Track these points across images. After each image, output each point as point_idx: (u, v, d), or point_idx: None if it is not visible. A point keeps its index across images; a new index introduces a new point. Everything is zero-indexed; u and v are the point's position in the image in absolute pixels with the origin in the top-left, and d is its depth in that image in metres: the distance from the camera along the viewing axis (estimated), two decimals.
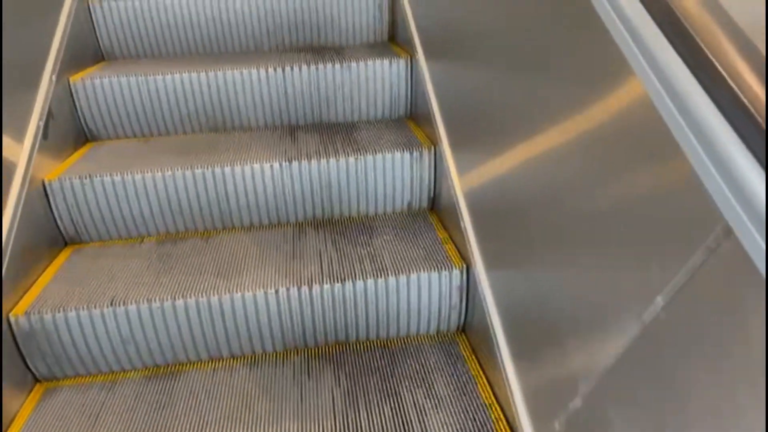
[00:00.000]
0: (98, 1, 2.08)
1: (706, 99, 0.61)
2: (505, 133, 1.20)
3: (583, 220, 0.87)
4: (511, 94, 1.16)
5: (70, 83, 1.83)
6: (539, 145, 1.03)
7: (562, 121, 0.93)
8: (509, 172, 1.19)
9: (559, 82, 0.94)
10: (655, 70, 0.68)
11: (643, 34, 0.72)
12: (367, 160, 1.68)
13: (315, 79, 1.93)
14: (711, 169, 0.58)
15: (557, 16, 0.94)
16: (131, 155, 1.76)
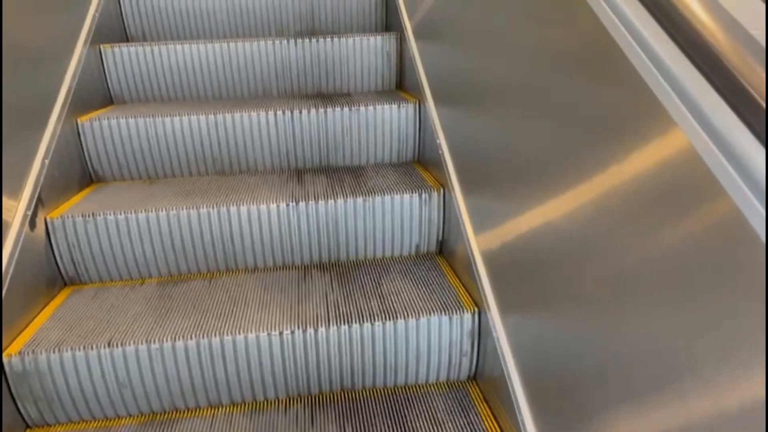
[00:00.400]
0: (110, 46, 2.10)
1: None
2: (518, 179, 1.17)
3: (610, 268, 0.83)
4: (525, 140, 1.14)
5: (77, 124, 1.82)
6: (556, 191, 1.00)
7: (580, 168, 0.91)
8: (525, 217, 1.15)
9: (575, 129, 0.92)
10: (700, 120, 0.66)
11: (685, 84, 0.69)
12: (375, 201, 1.66)
13: (323, 122, 1.93)
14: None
15: (582, 64, 0.93)
16: (136, 195, 1.73)
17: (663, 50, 0.75)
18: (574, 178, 0.94)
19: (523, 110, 1.16)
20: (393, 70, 2.28)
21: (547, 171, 1.05)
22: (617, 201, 0.82)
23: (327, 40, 2.20)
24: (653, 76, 0.73)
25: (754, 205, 0.58)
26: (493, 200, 1.36)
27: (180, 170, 1.92)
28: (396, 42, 2.25)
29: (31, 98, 1.61)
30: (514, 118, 1.21)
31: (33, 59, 1.66)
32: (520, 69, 1.17)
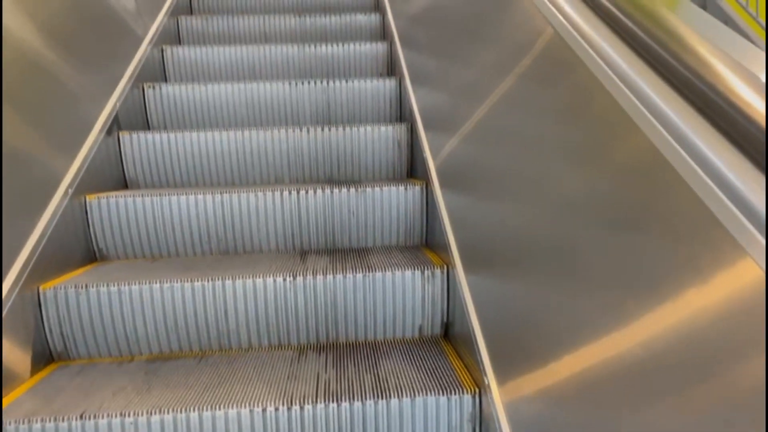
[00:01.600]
0: (128, 132, 2.17)
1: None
2: (526, 262, 1.12)
3: (622, 354, 0.76)
4: (527, 225, 1.11)
5: (85, 201, 1.84)
6: (563, 276, 0.94)
7: (578, 250, 0.86)
8: (532, 300, 1.09)
9: (572, 217, 0.89)
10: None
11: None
12: (376, 277, 1.60)
13: (329, 203, 1.92)
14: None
15: (582, 156, 0.91)
16: (134, 271, 1.71)
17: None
18: (572, 261, 0.90)
19: (526, 197, 1.14)
20: (404, 159, 2.29)
21: (551, 256, 1.00)
22: (621, 285, 0.76)
23: (339, 129, 2.24)
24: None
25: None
26: (495, 281, 1.31)
27: (184, 249, 1.91)
28: (407, 131, 2.28)
29: (37, 175, 1.64)
30: (517, 204, 1.18)
31: (45, 140, 1.71)
32: (522, 159, 1.16)
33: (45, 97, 1.75)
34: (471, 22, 1.70)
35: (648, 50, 0.77)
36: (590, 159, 0.91)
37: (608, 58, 0.84)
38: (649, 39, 0.77)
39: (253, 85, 2.49)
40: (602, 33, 0.89)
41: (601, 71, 0.84)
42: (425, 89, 2.18)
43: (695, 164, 0.62)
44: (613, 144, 0.83)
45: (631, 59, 0.80)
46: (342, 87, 2.52)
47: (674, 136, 0.67)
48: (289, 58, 2.81)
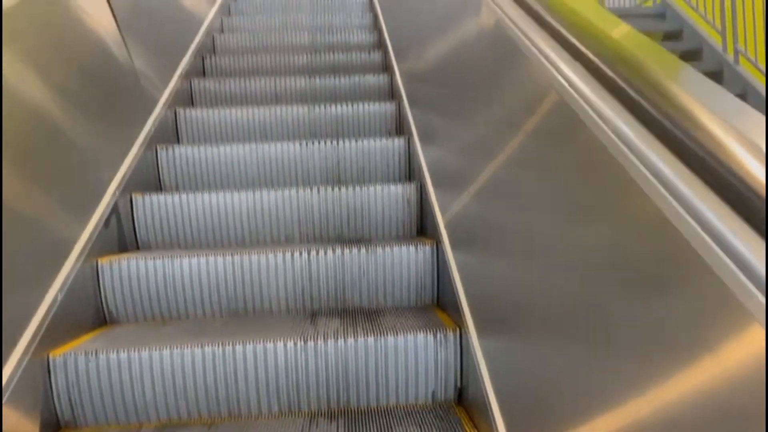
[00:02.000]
0: (140, 194, 2.20)
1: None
2: (539, 325, 1.11)
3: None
4: (542, 287, 1.10)
5: (97, 264, 1.85)
6: (577, 339, 0.93)
7: (590, 314, 0.85)
8: (547, 365, 1.07)
9: (585, 277, 0.89)
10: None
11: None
12: (388, 341, 1.58)
13: (339, 263, 1.92)
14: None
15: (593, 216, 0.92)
16: (144, 336, 1.70)
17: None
18: (585, 324, 0.89)
19: (538, 258, 1.13)
20: (413, 217, 2.30)
21: (564, 319, 0.99)
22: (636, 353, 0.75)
23: (349, 188, 2.26)
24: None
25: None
26: (509, 344, 1.29)
27: (195, 311, 1.90)
28: (416, 190, 2.29)
29: (50, 240, 1.65)
30: (529, 265, 1.18)
31: (59, 205, 1.74)
32: (532, 219, 1.17)
33: (59, 162, 1.79)
34: (478, 82, 1.73)
35: (652, 120, 0.78)
36: (598, 221, 0.91)
37: (613, 125, 0.85)
38: (654, 110, 0.77)
39: (264, 146, 2.53)
40: (605, 98, 0.90)
41: (606, 136, 0.85)
42: (434, 148, 2.21)
43: (700, 230, 0.62)
44: (620, 208, 0.83)
45: (635, 125, 0.81)
46: (351, 146, 2.55)
47: (680, 201, 0.67)
48: (299, 119, 2.86)
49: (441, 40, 2.23)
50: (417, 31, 2.75)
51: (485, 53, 1.69)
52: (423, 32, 2.58)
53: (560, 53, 1.04)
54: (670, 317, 0.68)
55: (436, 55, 2.29)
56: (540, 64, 1.11)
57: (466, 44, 1.90)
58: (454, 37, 2.02)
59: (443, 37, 2.19)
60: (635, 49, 0.87)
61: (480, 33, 1.79)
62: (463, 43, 1.93)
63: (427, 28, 2.54)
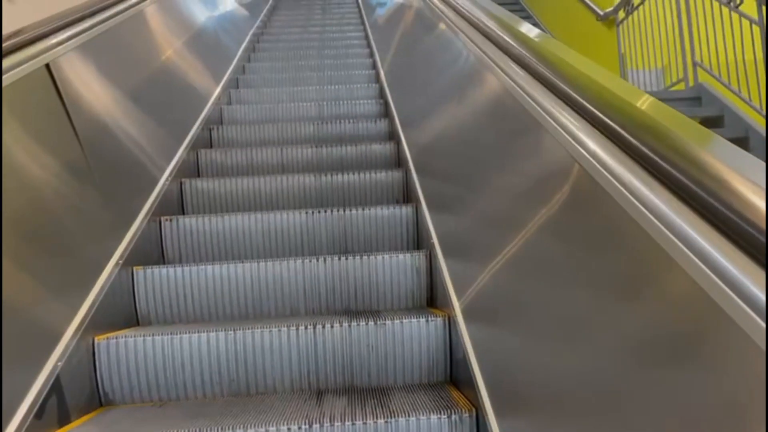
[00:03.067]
0: (141, 267, 2.14)
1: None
2: (564, 403, 1.03)
3: None
4: (568, 364, 1.02)
5: (93, 342, 1.77)
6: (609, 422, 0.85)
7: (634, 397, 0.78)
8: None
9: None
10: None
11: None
12: (399, 424, 1.47)
13: (347, 338, 1.83)
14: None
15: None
16: (141, 420, 1.60)
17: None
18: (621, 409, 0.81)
19: (560, 334, 1.06)
20: (423, 287, 2.22)
21: (594, 403, 0.91)
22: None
23: (356, 258, 2.20)
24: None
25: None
26: (530, 427, 1.19)
27: (194, 391, 1.80)
28: (425, 259, 2.22)
29: (43, 318, 1.58)
30: (549, 341, 1.10)
31: (55, 280, 1.68)
32: (549, 287, 1.10)
33: (57, 235, 1.74)
34: (487, 150, 1.70)
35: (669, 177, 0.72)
36: (622, 292, 0.84)
37: (636, 192, 0.79)
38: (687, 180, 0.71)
39: (270, 216, 2.49)
40: (629, 167, 0.85)
41: (632, 206, 0.79)
42: (443, 216, 2.16)
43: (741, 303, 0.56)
44: (650, 280, 0.77)
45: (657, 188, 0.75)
46: (358, 215, 2.50)
47: (718, 274, 0.61)
48: (306, 188, 2.83)
49: (449, 109, 2.22)
50: (424, 98, 2.76)
51: (494, 121, 1.66)
52: (431, 100, 2.58)
53: (577, 120, 1.00)
54: (713, 403, 0.60)
55: (445, 123, 2.27)
56: (555, 132, 1.06)
57: (474, 113, 1.88)
58: (462, 106, 2.00)
59: (452, 106, 2.18)
60: (660, 118, 0.82)
61: (487, 101, 1.77)
62: (471, 111, 1.91)
63: (434, 95, 2.54)
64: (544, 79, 1.19)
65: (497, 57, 1.53)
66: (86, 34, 2.14)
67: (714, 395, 0.62)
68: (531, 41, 1.39)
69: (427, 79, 2.73)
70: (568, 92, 1.06)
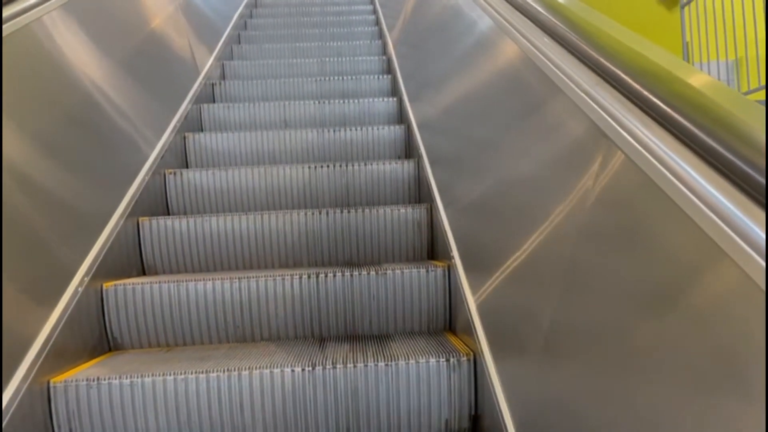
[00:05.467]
0: (147, 219, 2.17)
1: None
2: (562, 345, 1.06)
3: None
4: (560, 308, 1.04)
5: (102, 289, 1.81)
6: (611, 367, 0.87)
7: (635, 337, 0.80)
8: (571, 390, 1.01)
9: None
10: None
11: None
12: (399, 367, 1.52)
13: (348, 288, 1.86)
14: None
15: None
16: (148, 362, 1.64)
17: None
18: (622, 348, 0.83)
19: (559, 279, 1.08)
20: (424, 240, 2.25)
21: (596, 346, 0.93)
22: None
23: (357, 212, 2.22)
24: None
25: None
26: (530, 368, 1.23)
27: (200, 337, 1.85)
28: (426, 213, 2.25)
29: (52, 264, 1.62)
30: (553, 287, 1.12)
31: (63, 226, 1.71)
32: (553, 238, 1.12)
33: (62, 183, 1.76)
34: (485, 107, 1.70)
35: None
36: (628, 241, 0.86)
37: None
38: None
39: (272, 170, 2.51)
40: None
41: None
42: (444, 171, 2.17)
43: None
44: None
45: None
46: (360, 169, 2.52)
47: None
48: (308, 143, 2.84)
49: (450, 66, 2.21)
50: (426, 56, 2.74)
51: (498, 81, 1.66)
52: (434, 57, 2.57)
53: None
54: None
55: (446, 81, 2.27)
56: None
57: (476, 69, 1.88)
58: (464, 64, 2.00)
59: (453, 63, 2.17)
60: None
61: (487, 56, 1.77)
62: (473, 68, 1.91)
63: (437, 53, 2.52)
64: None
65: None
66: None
67: (713, 337, 0.64)
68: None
69: (430, 35, 2.71)
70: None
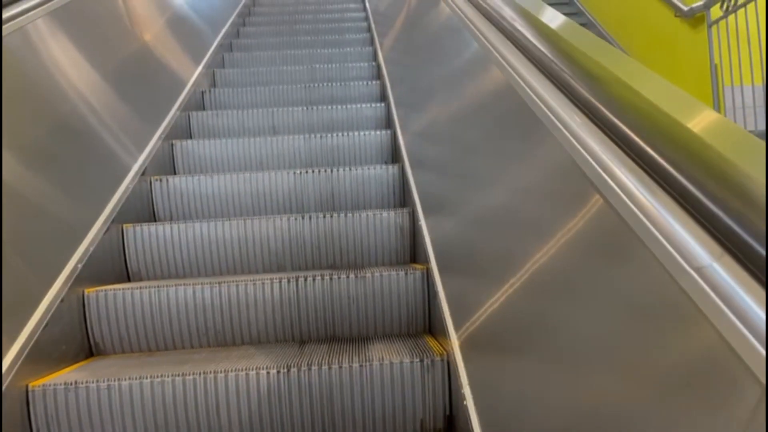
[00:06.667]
0: (131, 225, 2.19)
1: None
2: (525, 348, 1.07)
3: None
4: (539, 307, 1.06)
5: (84, 295, 1.83)
6: (576, 366, 0.88)
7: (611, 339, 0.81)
8: (530, 383, 1.03)
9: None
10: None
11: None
12: (374, 367, 1.54)
13: (328, 291, 1.88)
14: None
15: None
16: (128, 367, 1.66)
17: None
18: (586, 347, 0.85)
19: (517, 269, 1.10)
20: (406, 245, 2.27)
21: (563, 346, 0.95)
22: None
23: (341, 216, 2.24)
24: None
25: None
26: (496, 370, 1.25)
27: (182, 342, 1.87)
28: (409, 217, 2.27)
29: (32, 270, 1.64)
30: (522, 294, 1.14)
31: (45, 232, 1.73)
32: (526, 241, 1.13)
33: (44, 190, 1.79)
34: (468, 119, 1.72)
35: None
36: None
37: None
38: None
39: (258, 175, 2.53)
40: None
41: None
42: (425, 176, 2.19)
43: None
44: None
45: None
46: (345, 174, 2.54)
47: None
48: (296, 148, 2.86)
49: (436, 75, 2.23)
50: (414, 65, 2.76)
51: (483, 98, 1.67)
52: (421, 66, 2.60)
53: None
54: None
55: (435, 87, 2.30)
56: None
57: (459, 83, 1.90)
58: (450, 77, 2.02)
59: (439, 73, 2.20)
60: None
61: (470, 72, 1.79)
62: (456, 81, 1.93)
63: (425, 62, 2.55)
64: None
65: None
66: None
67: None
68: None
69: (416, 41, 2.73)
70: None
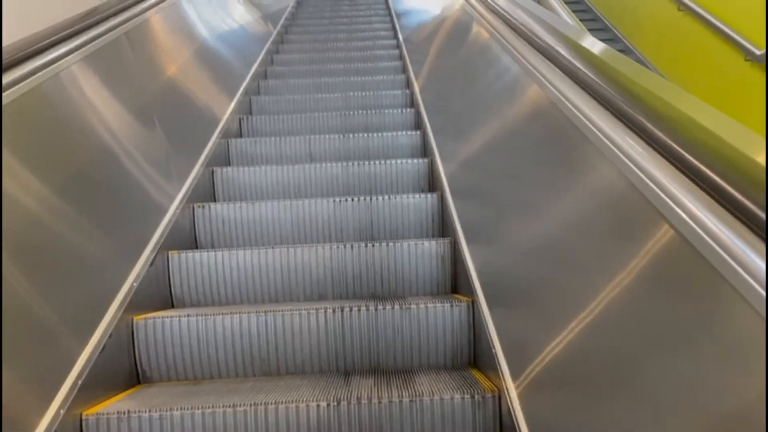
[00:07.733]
0: (176, 252, 2.22)
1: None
2: (593, 382, 1.07)
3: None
4: (595, 343, 1.06)
5: (133, 322, 1.85)
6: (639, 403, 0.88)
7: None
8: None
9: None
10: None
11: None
12: (424, 402, 1.52)
13: (373, 322, 1.88)
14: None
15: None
16: (177, 396, 1.68)
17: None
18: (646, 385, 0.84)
19: (581, 305, 1.10)
20: (447, 275, 2.26)
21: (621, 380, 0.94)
22: None
23: (382, 245, 2.25)
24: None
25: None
26: (558, 409, 1.24)
27: (227, 371, 1.88)
28: (450, 247, 2.27)
29: (87, 299, 1.67)
30: (580, 323, 1.14)
31: (95, 262, 1.77)
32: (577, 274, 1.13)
33: (97, 222, 1.82)
34: (508, 142, 1.73)
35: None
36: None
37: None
38: None
39: (298, 203, 2.55)
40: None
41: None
42: (469, 205, 2.19)
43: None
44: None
45: None
46: (384, 203, 2.56)
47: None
48: (333, 176, 2.89)
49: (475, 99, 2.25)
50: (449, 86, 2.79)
51: (526, 121, 1.69)
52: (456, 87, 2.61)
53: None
54: None
55: (476, 113, 2.31)
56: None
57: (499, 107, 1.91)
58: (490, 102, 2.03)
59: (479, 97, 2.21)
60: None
61: (508, 95, 1.80)
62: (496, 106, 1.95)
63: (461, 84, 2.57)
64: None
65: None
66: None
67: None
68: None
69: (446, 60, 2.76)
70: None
